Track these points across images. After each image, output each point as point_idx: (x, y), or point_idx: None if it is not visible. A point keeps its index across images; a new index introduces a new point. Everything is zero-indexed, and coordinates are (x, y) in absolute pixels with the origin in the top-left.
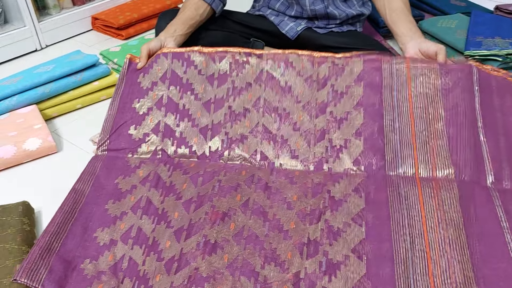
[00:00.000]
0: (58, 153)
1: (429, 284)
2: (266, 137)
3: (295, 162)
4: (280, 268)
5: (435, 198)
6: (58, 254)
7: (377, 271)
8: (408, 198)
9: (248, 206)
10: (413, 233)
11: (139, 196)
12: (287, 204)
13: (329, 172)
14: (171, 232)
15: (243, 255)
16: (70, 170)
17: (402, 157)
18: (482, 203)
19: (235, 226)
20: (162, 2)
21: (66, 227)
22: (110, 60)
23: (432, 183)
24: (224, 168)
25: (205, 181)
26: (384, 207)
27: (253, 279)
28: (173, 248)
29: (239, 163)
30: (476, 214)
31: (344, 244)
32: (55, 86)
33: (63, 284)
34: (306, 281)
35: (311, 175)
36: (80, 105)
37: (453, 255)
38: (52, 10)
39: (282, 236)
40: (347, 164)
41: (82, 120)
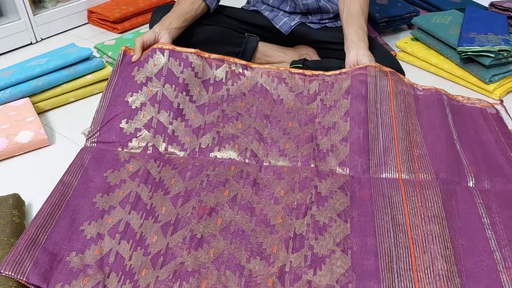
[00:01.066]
0: (50, 146)
1: (412, 278)
2: (256, 138)
3: (283, 160)
4: (265, 262)
5: (418, 196)
6: (44, 247)
7: (361, 264)
8: (392, 197)
9: (236, 201)
10: (397, 229)
11: (128, 190)
12: (275, 200)
13: (316, 169)
14: (158, 226)
15: (229, 250)
16: (62, 163)
17: (385, 162)
18: (463, 200)
19: (222, 221)
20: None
21: (52, 219)
22: (105, 54)
23: (415, 183)
24: (213, 163)
25: (193, 176)
26: (369, 205)
27: (238, 273)
28: (159, 242)
29: (228, 158)
30: (458, 210)
31: (329, 238)
32: (49, 79)
33: (48, 276)
34: (291, 274)
35: (298, 170)
36: (73, 98)
37: (436, 250)
38: (48, 3)
39: (268, 230)
40: (333, 165)
41: (75, 113)
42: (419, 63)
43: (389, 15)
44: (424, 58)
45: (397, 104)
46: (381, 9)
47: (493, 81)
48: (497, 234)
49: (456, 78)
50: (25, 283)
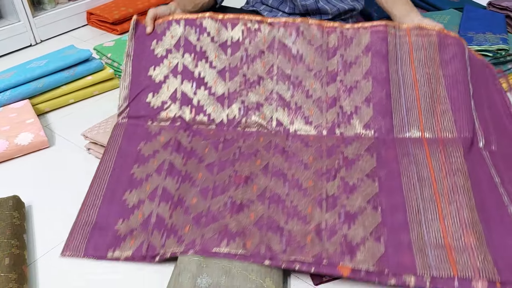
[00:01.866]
0: (50, 148)
1: (439, 228)
2: (280, 104)
3: (309, 128)
4: (302, 222)
5: (441, 152)
6: (94, 224)
7: (391, 218)
8: (416, 155)
9: (268, 169)
10: (422, 184)
11: (162, 159)
12: (304, 165)
13: (341, 136)
14: (196, 190)
15: (268, 213)
16: (62, 164)
17: (408, 122)
18: (476, 160)
19: (257, 188)
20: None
21: (98, 198)
22: (104, 55)
23: (438, 141)
24: (242, 136)
25: (226, 148)
26: (394, 164)
27: (279, 234)
28: (200, 204)
29: (256, 130)
30: (474, 169)
31: (359, 197)
32: (48, 81)
33: (101, 247)
34: (327, 231)
35: (324, 139)
36: (73, 99)
37: (461, 200)
38: (47, 5)
39: (301, 193)
40: (358, 128)
41: (74, 115)
42: None
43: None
44: None
45: (418, 60)
46: (379, 9)
47: None
48: (508, 191)
49: None
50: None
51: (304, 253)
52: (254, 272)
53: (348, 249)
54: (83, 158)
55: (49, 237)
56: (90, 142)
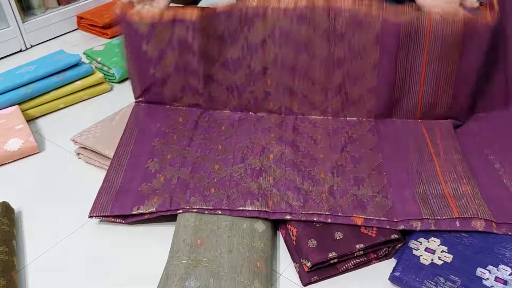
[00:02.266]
0: (40, 153)
1: (439, 180)
2: (287, 92)
3: (315, 112)
4: (316, 184)
5: (438, 132)
6: (119, 187)
7: (396, 179)
8: (415, 130)
9: (282, 140)
10: (421, 150)
11: (181, 135)
12: (314, 141)
13: (345, 119)
14: (217, 159)
15: (285, 176)
16: (52, 170)
17: (407, 109)
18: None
19: (273, 155)
20: None
21: (122, 166)
22: (94, 59)
23: (432, 122)
24: (255, 117)
25: (241, 125)
26: (394, 139)
27: (296, 192)
28: (223, 171)
29: (267, 114)
30: (460, 137)
31: (366, 165)
32: (37, 86)
33: (126, 205)
34: (339, 191)
35: (330, 121)
36: (63, 105)
37: (456, 158)
38: (37, 10)
39: (314, 162)
40: (361, 115)
41: (64, 120)
42: None
43: None
44: None
45: (431, 53)
46: None
47: None
48: (493, 149)
49: None
50: (112, 220)
51: (320, 207)
52: (242, 274)
53: (359, 204)
54: (73, 163)
55: (39, 243)
56: (80, 147)
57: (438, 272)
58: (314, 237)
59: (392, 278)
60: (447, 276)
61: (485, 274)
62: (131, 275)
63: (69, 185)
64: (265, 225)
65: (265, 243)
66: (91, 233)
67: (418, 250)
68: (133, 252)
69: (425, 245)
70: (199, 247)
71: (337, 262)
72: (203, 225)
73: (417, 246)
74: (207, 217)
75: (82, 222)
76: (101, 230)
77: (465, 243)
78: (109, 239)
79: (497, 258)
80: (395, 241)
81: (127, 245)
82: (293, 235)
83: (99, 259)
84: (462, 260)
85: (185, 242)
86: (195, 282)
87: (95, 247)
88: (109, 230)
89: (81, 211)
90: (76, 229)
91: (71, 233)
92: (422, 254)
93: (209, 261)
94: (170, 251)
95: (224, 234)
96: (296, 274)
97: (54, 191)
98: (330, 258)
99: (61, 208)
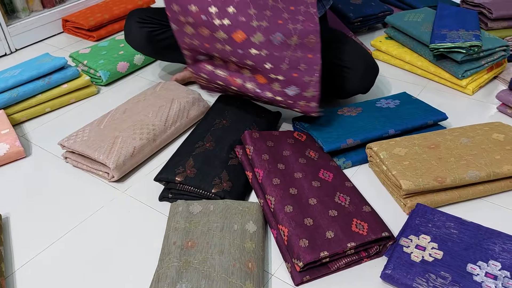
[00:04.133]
0: (27, 158)
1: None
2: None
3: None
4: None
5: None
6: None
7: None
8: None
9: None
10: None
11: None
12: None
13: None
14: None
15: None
16: (39, 174)
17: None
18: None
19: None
20: (133, 3)
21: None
22: (80, 62)
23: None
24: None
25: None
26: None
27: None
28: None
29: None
30: None
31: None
32: (23, 90)
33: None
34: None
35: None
36: (49, 108)
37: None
38: (21, 13)
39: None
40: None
41: (51, 124)
42: (394, 61)
43: (364, 14)
44: (398, 56)
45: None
46: (355, 9)
47: (465, 76)
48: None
49: (430, 74)
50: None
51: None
52: (234, 275)
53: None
54: (60, 167)
55: (27, 248)
56: (67, 151)
57: (429, 269)
58: (305, 236)
59: (384, 275)
60: (438, 273)
61: (475, 269)
62: (124, 277)
63: (57, 189)
64: (256, 226)
65: (256, 244)
66: (80, 238)
67: (408, 248)
68: (123, 254)
69: (415, 242)
70: (190, 249)
71: (329, 261)
72: (193, 227)
73: (407, 244)
74: (197, 218)
75: (70, 227)
76: (90, 235)
77: (455, 240)
78: (98, 243)
79: (487, 253)
80: (386, 239)
81: (118, 248)
82: (285, 235)
83: (89, 264)
84: (452, 257)
85: (176, 244)
86: (187, 284)
87: (84, 252)
88: (98, 234)
89: (70, 215)
90: (64, 234)
91: (59, 238)
92: (412, 251)
93: (200, 263)
94: (161, 254)
95: (215, 236)
96: (288, 274)
97: (41, 196)
98: (322, 258)
99: (49, 213)
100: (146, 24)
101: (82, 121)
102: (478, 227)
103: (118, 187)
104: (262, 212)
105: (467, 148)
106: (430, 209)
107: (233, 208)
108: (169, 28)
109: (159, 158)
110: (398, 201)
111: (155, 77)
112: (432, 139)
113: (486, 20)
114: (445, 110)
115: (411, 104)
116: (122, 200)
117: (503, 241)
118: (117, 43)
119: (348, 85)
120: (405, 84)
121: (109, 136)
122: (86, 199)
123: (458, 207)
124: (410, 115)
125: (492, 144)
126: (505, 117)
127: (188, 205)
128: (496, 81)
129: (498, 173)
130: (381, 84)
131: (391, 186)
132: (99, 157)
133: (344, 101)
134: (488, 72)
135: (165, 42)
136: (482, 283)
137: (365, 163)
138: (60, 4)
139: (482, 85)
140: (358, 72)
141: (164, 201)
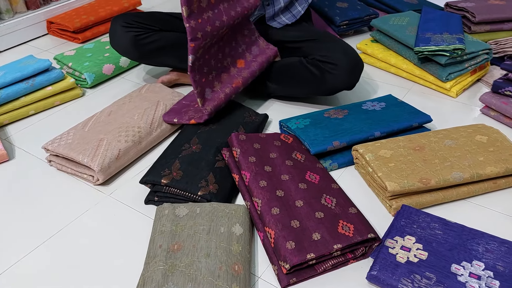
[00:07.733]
0: (10, 161)
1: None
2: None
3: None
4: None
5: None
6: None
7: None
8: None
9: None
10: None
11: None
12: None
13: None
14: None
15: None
16: (23, 178)
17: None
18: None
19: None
20: (119, 5)
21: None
22: (65, 64)
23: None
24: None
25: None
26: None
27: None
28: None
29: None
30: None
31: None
32: (6, 93)
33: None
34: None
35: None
36: (33, 111)
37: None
38: (5, 14)
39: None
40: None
41: (35, 127)
42: (380, 64)
43: (349, 17)
44: (383, 59)
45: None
46: (341, 12)
47: (449, 79)
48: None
49: (415, 77)
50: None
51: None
52: (220, 278)
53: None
54: (44, 171)
55: (10, 253)
56: (51, 154)
57: (414, 269)
58: (292, 238)
59: (370, 277)
60: (422, 273)
61: (460, 270)
62: (109, 281)
63: (41, 193)
64: (243, 228)
65: (243, 246)
66: (64, 241)
67: (394, 249)
68: (109, 258)
69: (400, 244)
70: (176, 252)
71: (316, 263)
72: (179, 230)
73: (393, 245)
74: (183, 221)
75: (54, 231)
76: (75, 238)
77: (440, 240)
78: (83, 247)
79: (471, 254)
80: (372, 240)
81: (103, 252)
82: (271, 237)
83: (73, 268)
84: (437, 257)
85: (162, 247)
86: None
87: (69, 256)
88: (83, 238)
89: (54, 219)
90: (48, 237)
91: (43, 242)
92: (398, 253)
93: (187, 266)
94: (146, 257)
95: (202, 239)
96: (275, 277)
97: (25, 200)
98: (308, 260)
99: (33, 217)
100: (131, 28)
101: (67, 124)
102: (462, 227)
103: (103, 190)
104: (249, 214)
105: (451, 150)
106: (415, 210)
107: (219, 211)
108: (154, 32)
109: (145, 161)
110: (384, 203)
111: (141, 80)
112: (417, 141)
113: (470, 24)
114: (430, 113)
115: (396, 107)
116: (107, 203)
117: (486, 242)
118: (102, 45)
119: (333, 81)
120: (390, 86)
121: (94, 138)
122: (70, 203)
123: (442, 208)
124: (395, 118)
125: (475, 146)
126: (488, 119)
127: (174, 208)
128: (480, 84)
129: (482, 174)
130: (367, 86)
131: (377, 187)
132: (83, 160)
133: (331, 104)
134: (471, 75)
135: (150, 46)
136: (466, 283)
137: (351, 165)
138: (44, 5)
139: (465, 87)
140: (343, 68)
141: (150, 204)
